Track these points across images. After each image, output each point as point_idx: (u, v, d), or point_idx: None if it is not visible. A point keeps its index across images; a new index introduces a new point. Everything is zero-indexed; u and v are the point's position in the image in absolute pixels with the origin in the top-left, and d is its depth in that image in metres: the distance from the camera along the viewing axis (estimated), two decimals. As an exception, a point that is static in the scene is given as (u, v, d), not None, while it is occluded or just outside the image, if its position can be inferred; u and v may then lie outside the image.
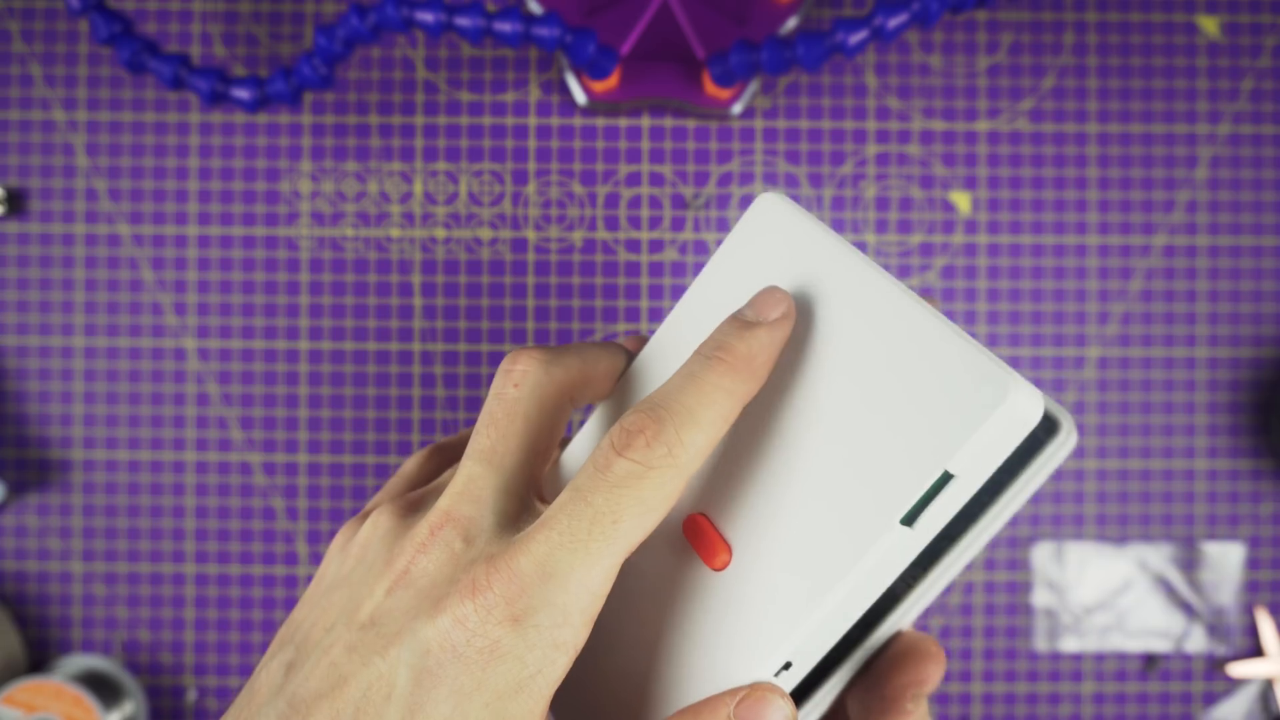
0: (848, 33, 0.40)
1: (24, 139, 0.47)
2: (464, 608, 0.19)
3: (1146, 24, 0.48)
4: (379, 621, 0.20)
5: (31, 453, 0.47)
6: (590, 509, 0.20)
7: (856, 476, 0.21)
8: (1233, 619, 0.47)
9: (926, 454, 0.20)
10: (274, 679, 0.21)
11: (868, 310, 0.22)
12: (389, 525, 0.22)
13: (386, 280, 0.47)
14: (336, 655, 0.20)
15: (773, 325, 0.22)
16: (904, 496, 0.20)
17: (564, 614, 0.20)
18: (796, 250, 0.24)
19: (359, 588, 0.21)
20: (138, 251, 0.47)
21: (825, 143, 0.48)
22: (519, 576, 0.19)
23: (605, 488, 0.20)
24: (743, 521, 0.22)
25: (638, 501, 0.20)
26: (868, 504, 0.20)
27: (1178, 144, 0.48)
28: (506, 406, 0.23)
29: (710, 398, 0.21)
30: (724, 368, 0.21)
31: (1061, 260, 0.47)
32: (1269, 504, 0.47)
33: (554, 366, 0.24)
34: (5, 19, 0.48)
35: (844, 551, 0.20)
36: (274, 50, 0.48)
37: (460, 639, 0.19)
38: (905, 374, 0.21)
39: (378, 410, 0.47)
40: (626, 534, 0.20)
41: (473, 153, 0.48)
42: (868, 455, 0.21)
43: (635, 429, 0.20)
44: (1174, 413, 0.47)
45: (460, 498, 0.22)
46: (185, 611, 0.47)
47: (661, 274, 0.47)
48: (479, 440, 0.23)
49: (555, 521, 0.20)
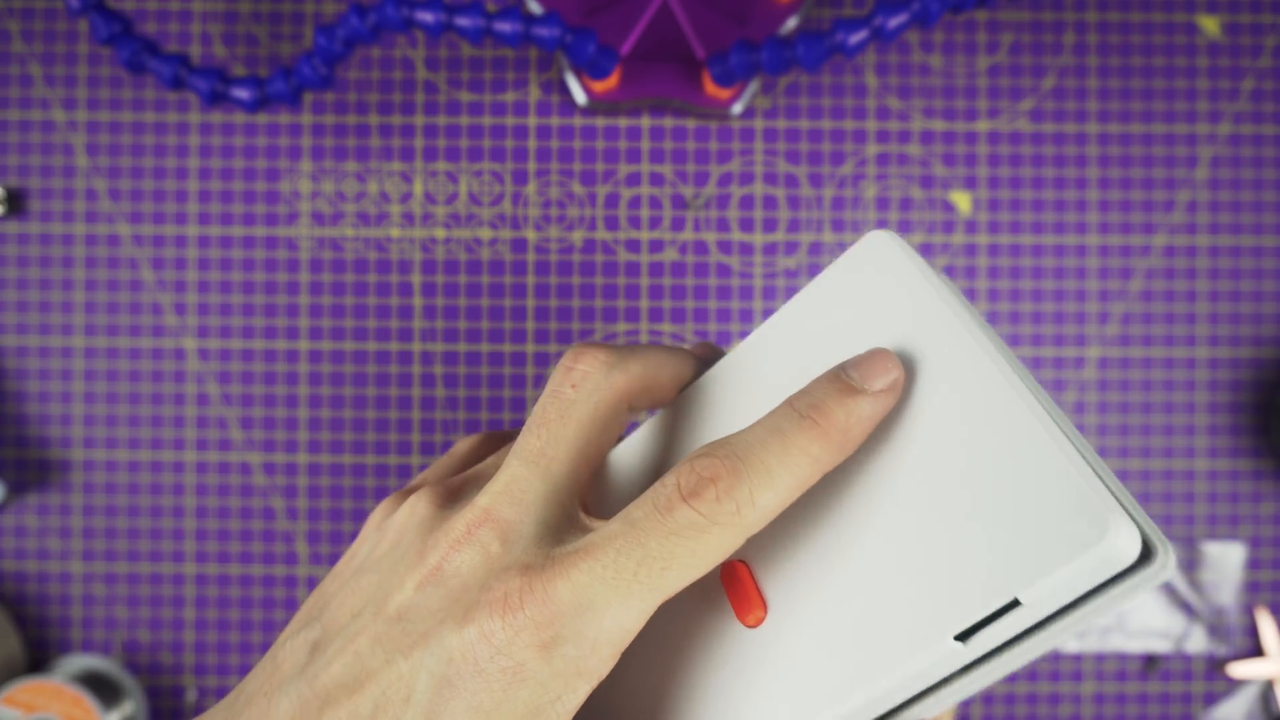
0: (848, 33, 0.40)
1: (24, 139, 0.47)
2: (492, 623, 0.19)
3: (1147, 24, 0.48)
4: (406, 617, 0.20)
5: (31, 453, 0.47)
6: (641, 549, 0.19)
7: (920, 575, 0.19)
8: (1233, 619, 0.47)
9: (1001, 576, 0.18)
10: (298, 656, 0.21)
11: (973, 394, 0.20)
12: (426, 513, 0.22)
13: (386, 280, 0.47)
14: (361, 645, 0.20)
15: (877, 396, 0.20)
16: (966, 614, 0.19)
17: (593, 646, 0.19)
18: (903, 301, 0.22)
19: (389, 576, 0.21)
20: (138, 251, 0.47)
21: (825, 143, 0.48)
22: (553, 602, 0.19)
23: (662, 533, 0.19)
24: (785, 582, 0.21)
25: (691, 554, 0.19)
26: (926, 610, 0.19)
27: (1178, 144, 0.48)
28: (561, 407, 0.22)
29: (793, 460, 0.20)
30: (816, 432, 0.20)
31: (1062, 260, 0.47)
32: (1269, 504, 0.47)
33: (616, 371, 0.23)
34: (5, 19, 0.48)
35: (888, 651, 0.19)
36: (274, 50, 0.48)
37: (484, 654, 0.19)
38: (998, 478, 0.19)
39: (378, 410, 0.47)
40: (672, 582, 0.19)
41: (473, 153, 0.48)
42: (937, 555, 0.19)
43: (708, 476, 0.19)
44: (1174, 413, 0.47)
45: (502, 497, 0.21)
46: (185, 611, 0.47)
47: (661, 274, 0.47)
48: (529, 440, 0.22)
49: (602, 552, 0.19)
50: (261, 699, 0.20)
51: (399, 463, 0.47)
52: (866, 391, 0.20)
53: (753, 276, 0.47)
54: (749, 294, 0.47)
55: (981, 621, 0.19)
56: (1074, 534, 0.17)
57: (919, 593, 0.19)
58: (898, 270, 0.22)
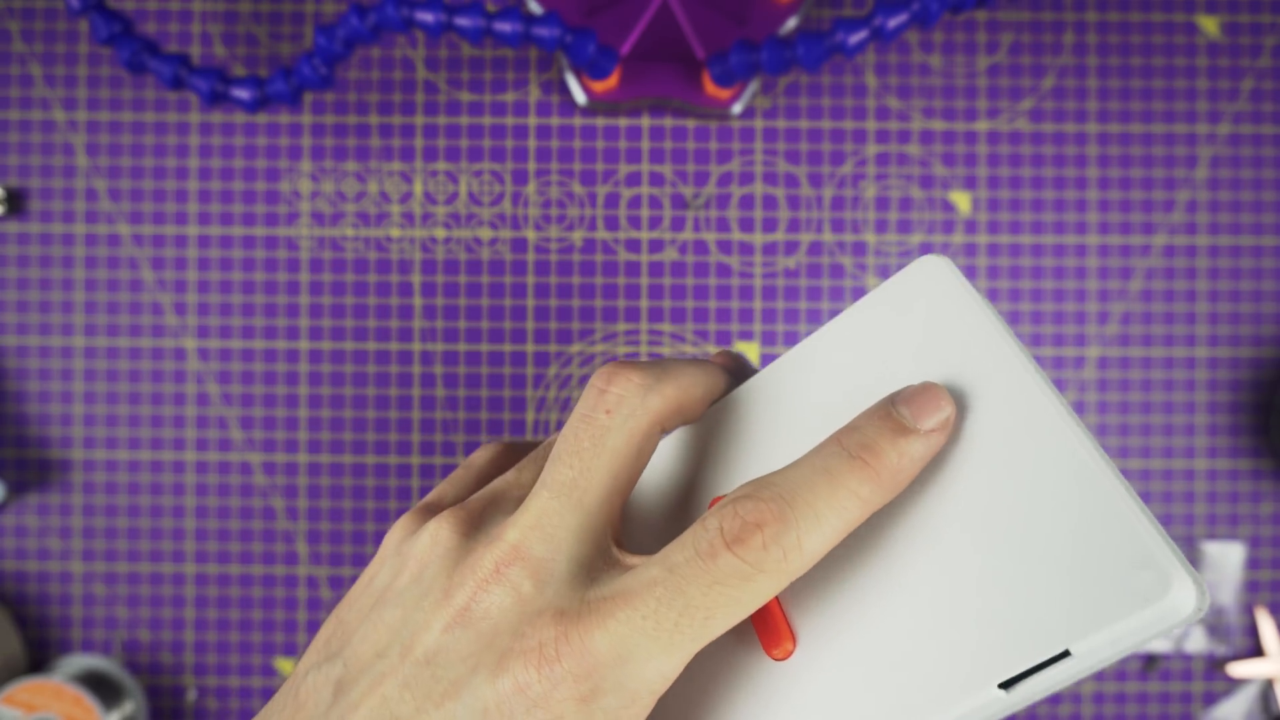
0: (848, 33, 0.40)
1: (24, 139, 0.47)
2: (528, 674, 0.18)
3: (1146, 24, 0.48)
4: (434, 661, 0.19)
5: (31, 453, 0.47)
6: (683, 599, 0.18)
7: (966, 620, 0.18)
8: (1233, 619, 0.47)
9: (1054, 627, 0.17)
10: (322, 696, 0.20)
11: (1030, 432, 0.19)
12: (450, 544, 0.21)
13: (386, 280, 0.47)
14: (389, 690, 0.19)
15: (928, 436, 0.19)
16: (1014, 663, 0.18)
17: (633, 697, 0.18)
18: (956, 330, 0.21)
19: (413, 613, 0.20)
20: (138, 251, 0.47)
21: (825, 142, 0.48)
22: (591, 654, 0.18)
23: (706, 581, 0.18)
24: (817, 616, 0.20)
25: (735, 601, 0.18)
26: (970, 656, 0.18)
27: (1178, 144, 0.48)
28: (595, 434, 0.21)
29: (842, 503, 0.19)
30: (867, 474, 0.19)
31: (1061, 260, 0.47)
32: (1269, 504, 0.47)
33: (652, 395, 0.21)
34: (5, 19, 0.48)
35: (928, 696, 0.18)
36: (274, 50, 0.48)
37: (520, 707, 0.18)
38: (1055, 525, 0.18)
39: (378, 410, 0.47)
40: (715, 630, 0.18)
41: (473, 153, 0.48)
42: (986, 601, 0.18)
43: (754, 521, 0.18)
44: (1174, 413, 0.47)
45: (533, 533, 0.20)
46: (185, 611, 0.47)
47: (661, 274, 0.47)
48: (560, 470, 0.20)
49: (641, 601, 0.18)
50: None
51: (399, 463, 0.47)
52: (919, 431, 0.19)
53: (753, 276, 0.47)
54: (749, 294, 0.47)
55: (1029, 671, 0.18)
56: (1137, 589, 0.17)
57: (965, 637, 0.18)
58: (951, 297, 0.21)
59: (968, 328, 0.21)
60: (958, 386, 0.20)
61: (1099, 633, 0.17)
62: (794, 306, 0.47)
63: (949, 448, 0.20)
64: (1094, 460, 0.18)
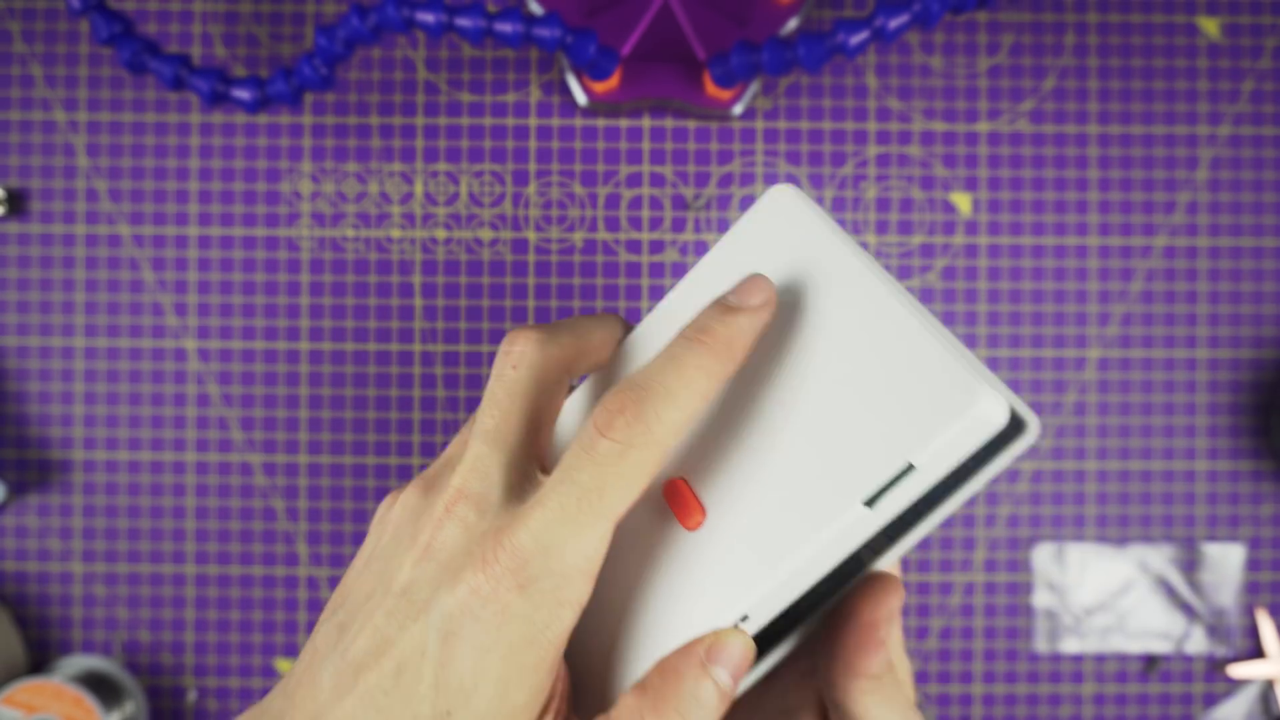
0: (849, 34, 0.40)
1: (24, 139, 0.47)
2: (477, 579, 0.22)
3: (1147, 25, 0.48)
4: (410, 590, 0.24)
5: (32, 453, 0.47)
6: (577, 487, 0.22)
7: (828, 456, 0.23)
8: (1233, 620, 0.47)
9: (894, 446, 0.22)
10: (330, 638, 0.24)
11: (857, 304, 0.23)
12: (413, 503, 0.25)
13: (387, 281, 0.47)
14: (379, 620, 0.23)
15: (753, 311, 0.24)
16: (869, 481, 0.22)
17: (563, 577, 0.23)
18: (800, 242, 0.25)
19: (391, 560, 0.25)
20: (138, 252, 0.47)
21: (826, 143, 0.48)
22: (520, 550, 0.22)
23: (590, 466, 0.22)
24: (719, 488, 0.25)
25: (619, 476, 0.22)
26: (836, 483, 0.22)
27: (1178, 145, 0.48)
28: (507, 386, 0.25)
29: (689, 378, 0.23)
30: (704, 350, 0.23)
31: (1062, 261, 0.47)
32: (1269, 505, 0.47)
33: (550, 345, 0.26)
34: (6, 19, 0.48)
35: (812, 523, 0.23)
36: (274, 51, 0.48)
37: (476, 605, 0.22)
38: (884, 368, 0.22)
39: (378, 411, 0.47)
40: (612, 506, 0.23)
41: (473, 153, 0.48)
42: (841, 439, 0.23)
43: (616, 409, 0.23)
44: (1174, 414, 0.47)
45: (470, 474, 0.24)
46: (185, 612, 0.47)
47: (662, 274, 0.47)
48: (484, 421, 0.25)
49: (549, 499, 0.23)
50: (308, 678, 0.24)
51: (399, 463, 0.47)
52: (744, 308, 0.24)
53: (753, 277, 0.47)
54: (749, 295, 0.47)
55: (884, 487, 0.22)
56: (950, 404, 0.21)
57: (829, 470, 0.23)
58: (796, 215, 0.26)
59: (809, 234, 0.25)
60: (802, 277, 0.25)
61: (929, 444, 0.21)
62: (794, 307, 0.47)
63: (799, 324, 0.24)
64: (909, 313, 0.23)
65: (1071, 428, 0.47)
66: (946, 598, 0.47)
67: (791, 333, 0.25)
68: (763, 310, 0.24)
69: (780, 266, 0.26)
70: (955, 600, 0.47)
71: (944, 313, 0.47)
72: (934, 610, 0.47)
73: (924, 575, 0.47)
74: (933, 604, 0.47)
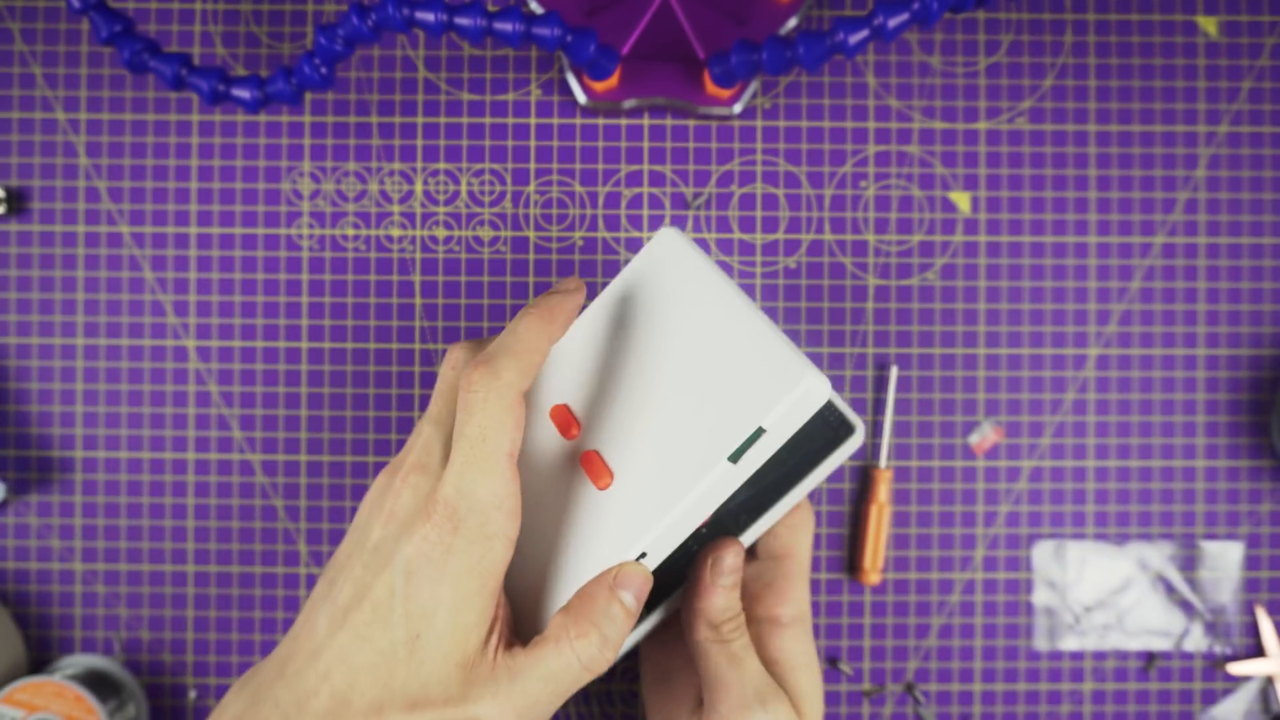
0: (848, 32, 0.40)
1: (25, 139, 0.47)
2: (425, 528, 0.29)
3: (1146, 24, 0.48)
4: (379, 546, 0.31)
5: (32, 452, 0.47)
6: (467, 439, 0.30)
7: (698, 424, 0.30)
8: (1232, 618, 0.47)
9: (747, 413, 0.29)
10: (323, 591, 0.31)
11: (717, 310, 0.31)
12: (383, 482, 0.33)
13: (387, 280, 0.47)
14: (357, 571, 0.30)
15: (568, 292, 0.33)
16: (730, 440, 0.29)
17: (483, 515, 0.29)
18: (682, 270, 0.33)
19: (365, 527, 0.32)
20: (138, 251, 0.47)
21: (825, 142, 0.48)
22: (447, 499, 0.29)
23: (468, 418, 0.30)
24: (622, 455, 0.32)
25: (489, 418, 0.30)
26: (705, 444, 0.29)
27: (1177, 144, 0.48)
28: (449, 383, 0.33)
29: (521, 335, 0.31)
30: (533, 315, 0.32)
31: (1061, 260, 0.48)
32: (1268, 503, 0.47)
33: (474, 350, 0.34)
34: (6, 19, 0.48)
35: (688, 475, 0.29)
36: (275, 50, 0.48)
37: (426, 548, 0.29)
38: (740, 361, 0.29)
39: (378, 410, 0.47)
40: (499, 445, 0.30)
41: (473, 152, 0.48)
42: (707, 410, 0.30)
43: (472, 368, 0.30)
44: (1174, 412, 0.47)
45: (420, 451, 0.32)
46: (186, 611, 0.47)
47: (662, 273, 0.47)
48: (431, 408, 0.33)
49: (455, 455, 0.30)
50: (307, 624, 0.31)
51: (400, 462, 0.47)
52: (561, 290, 0.33)
53: (753, 276, 0.48)
54: (749, 293, 0.48)
55: (743, 446, 0.29)
56: (786, 380, 0.28)
57: (699, 435, 0.29)
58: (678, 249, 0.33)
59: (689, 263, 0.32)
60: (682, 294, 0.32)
61: (772, 411, 0.28)
62: (794, 306, 0.47)
63: (678, 331, 0.31)
64: (760, 322, 0.30)
65: (1071, 426, 0.47)
66: (946, 596, 0.47)
67: (673, 335, 0.32)
68: (575, 292, 0.33)
69: (666, 289, 0.33)
70: (955, 598, 0.47)
71: (943, 311, 0.48)
72: (934, 608, 0.47)
73: (924, 573, 0.47)
74: (932, 602, 0.47)
